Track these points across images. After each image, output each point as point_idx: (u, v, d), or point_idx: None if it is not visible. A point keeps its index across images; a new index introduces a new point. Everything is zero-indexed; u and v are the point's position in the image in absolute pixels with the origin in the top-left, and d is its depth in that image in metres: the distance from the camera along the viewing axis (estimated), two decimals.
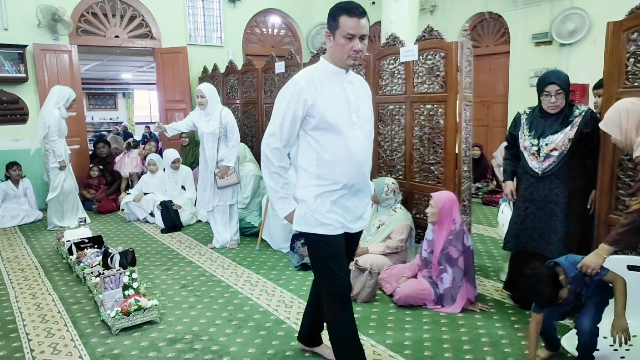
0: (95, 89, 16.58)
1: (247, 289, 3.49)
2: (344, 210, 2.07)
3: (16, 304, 3.27)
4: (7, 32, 5.89)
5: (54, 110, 5.06)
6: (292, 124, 1.99)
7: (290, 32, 8.42)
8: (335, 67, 2.03)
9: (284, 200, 2.06)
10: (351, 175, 2.03)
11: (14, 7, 5.91)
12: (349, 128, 2.01)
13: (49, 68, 6.19)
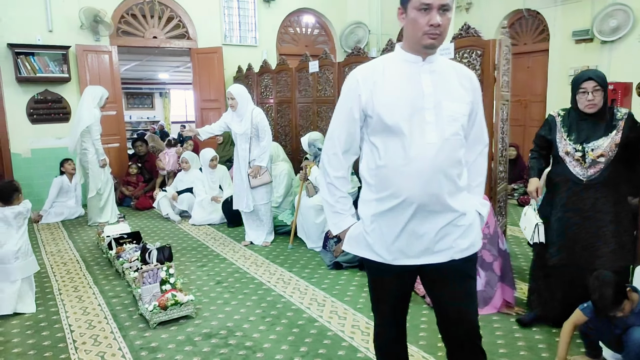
0: (134, 88, 17.03)
1: (280, 286, 3.52)
2: (407, 234, 1.62)
3: (59, 297, 3.40)
4: (51, 33, 6.12)
5: (94, 110, 5.23)
6: (348, 125, 1.68)
7: (324, 32, 8.44)
8: (409, 55, 1.63)
9: (337, 216, 1.75)
10: (414, 188, 1.57)
11: (59, 10, 6.14)
12: (416, 129, 1.57)
13: (91, 68, 6.40)
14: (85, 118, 5.18)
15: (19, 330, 2.89)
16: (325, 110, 5.35)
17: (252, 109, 4.42)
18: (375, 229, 1.66)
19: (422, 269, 1.69)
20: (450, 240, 1.63)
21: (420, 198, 1.57)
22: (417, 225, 1.61)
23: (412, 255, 1.64)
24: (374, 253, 1.67)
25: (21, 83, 6.04)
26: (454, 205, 1.62)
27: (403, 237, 1.62)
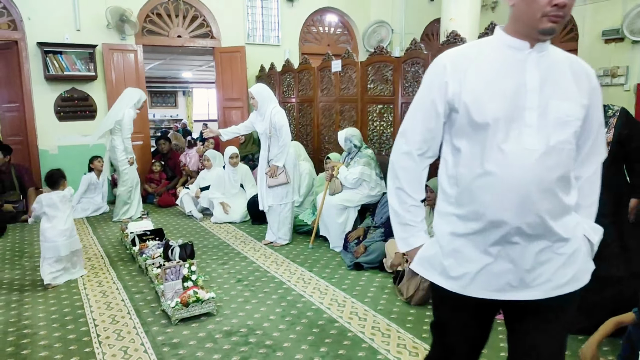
0: (157, 87, 17.27)
1: (300, 286, 3.52)
2: (493, 262, 1.33)
3: (84, 291, 3.46)
4: (79, 32, 6.24)
5: (129, 110, 5.37)
6: (428, 120, 1.40)
7: (347, 31, 8.41)
8: (513, 39, 1.32)
9: (407, 229, 1.46)
10: (506, 206, 1.27)
11: (86, 9, 6.25)
12: (512, 132, 1.27)
13: (116, 67, 6.50)
14: (120, 115, 5.31)
15: (46, 323, 2.95)
16: (347, 110, 5.33)
17: (273, 107, 4.41)
18: (454, 252, 1.37)
19: (507, 304, 1.38)
20: (548, 273, 1.32)
21: (512, 219, 1.27)
22: (508, 251, 1.31)
23: (498, 288, 1.33)
24: (451, 280, 1.37)
25: (49, 81, 6.17)
26: (558, 230, 1.30)
27: (489, 265, 1.33)
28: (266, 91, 4.48)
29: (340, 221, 4.35)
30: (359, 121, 5.12)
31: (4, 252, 4.46)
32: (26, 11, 5.95)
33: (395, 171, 1.47)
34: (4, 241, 4.83)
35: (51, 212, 3.60)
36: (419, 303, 3.11)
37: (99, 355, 2.55)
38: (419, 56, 4.34)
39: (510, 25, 1.34)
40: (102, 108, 6.53)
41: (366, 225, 4.25)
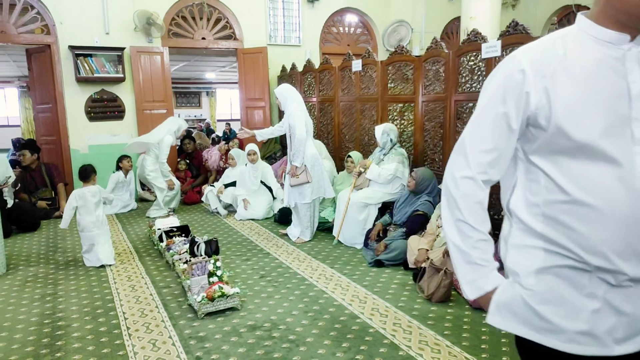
0: (182, 88, 17.58)
1: (321, 282, 3.59)
2: (606, 308, 1.07)
3: (114, 285, 3.60)
4: (108, 36, 6.44)
5: (168, 136, 5.65)
6: (497, 137, 1.13)
7: (367, 30, 8.45)
8: (607, 31, 1.05)
9: (475, 270, 1.17)
10: (613, 244, 1.03)
11: (115, 13, 6.44)
12: (618, 150, 1.02)
13: (143, 68, 6.68)
14: (159, 138, 5.60)
15: (78, 315, 3.08)
16: (368, 109, 5.38)
17: (292, 108, 4.50)
18: (547, 292, 1.09)
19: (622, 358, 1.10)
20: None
21: (620, 259, 1.02)
22: (622, 299, 1.06)
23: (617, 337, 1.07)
24: (547, 334, 1.09)
25: (80, 83, 6.38)
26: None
27: (605, 310, 1.06)
28: (288, 91, 4.58)
29: (361, 218, 4.40)
30: (379, 120, 5.16)
31: (39, 247, 4.65)
32: (58, 16, 6.17)
33: (454, 199, 1.18)
34: (38, 237, 5.03)
35: (83, 204, 4.04)
36: (440, 300, 3.14)
37: (129, 347, 2.65)
38: (440, 55, 4.35)
39: (599, 12, 1.05)
40: (130, 109, 6.73)
41: (385, 222, 4.30)
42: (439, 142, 4.49)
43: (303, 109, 4.60)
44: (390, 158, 4.48)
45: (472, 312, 3.00)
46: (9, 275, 3.85)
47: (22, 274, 3.89)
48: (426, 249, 3.63)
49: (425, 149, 4.67)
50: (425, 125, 4.63)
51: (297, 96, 4.62)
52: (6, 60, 11.30)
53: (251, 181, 5.84)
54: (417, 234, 3.93)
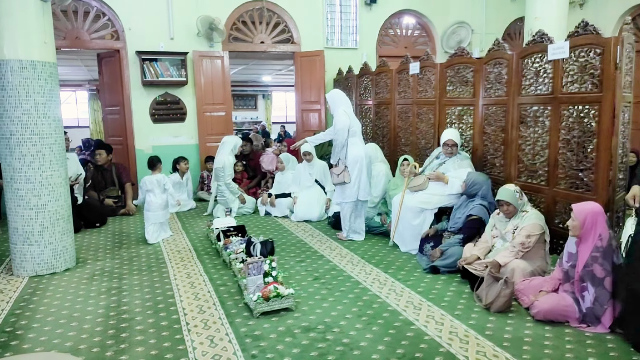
0: (239, 90, 18.00)
1: (375, 286, 3.56)
2: None
3: (174, 281, 3.73)
4: (172, 41, 6.71)
5: (229, 157, 5.87)
6: None
7: (425, 32, 8.32)
8: None
9: None
10: None
11: (179, 19, 6.71)
12: None
13: (205, 72, 6.91)
14: (222, 162, 5.83)
15: (141, 310, 3.22)
16: (425, 112, 5.29)
17: (338, 111, 4.65)
18: None
19: None
20: None
21: None
22: None
23: None
24: None
25: (146, 86, 6.69)
26: None
27: None
28: (336, 95, 4.76)
29: (415, 223, 4.33)
30: (437, 123, 5.06)
31: (105, 243, 4.91)
32: (127, 22, 6.50)
33: None
34: (104, 233, 5.31)
35: (150, 189, 4.90)
36: (499, 310, 3.03)
37: (188, 343, 2.74)
38: (503, 57, 4.22)
39: None
40: (192, 111, 6.98)
41: (441, 228, 4.21)
42: (499, 146, 4.35)
43: (349, 112, 4.73)
44: (457, 163, 4.38)
45: (534, 325, 2.87)
46: (78, 269, 4.09)
47: (90, 267, 4.12)
48: (478, 255, 3.54)
49: (485, 153, 4.53)
50: (485, 129, 4.50)
51: (344, 100, 4.76)
52: (78, 65, 12.02)
53: (306, 177, 5.89)
54: (473, 240, 3.82)
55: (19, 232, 3.87)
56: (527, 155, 4.06)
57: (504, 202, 3.50)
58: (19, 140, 3.75)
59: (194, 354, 2.61)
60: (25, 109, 3.73)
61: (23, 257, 3.88)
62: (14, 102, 3.71)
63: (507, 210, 3.51)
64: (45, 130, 3.82)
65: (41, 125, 3.80)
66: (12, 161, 3.78)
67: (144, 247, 4.71)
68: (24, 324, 3.01)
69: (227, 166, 5.85)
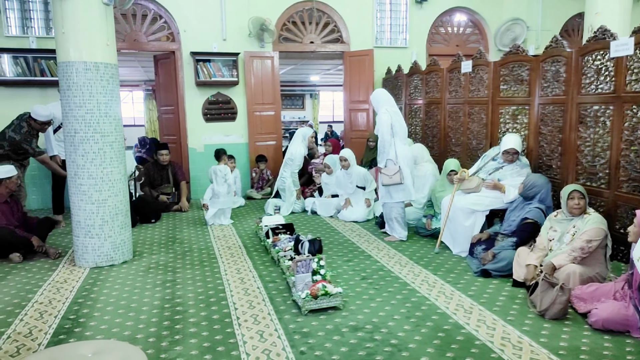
0: (288, 90, 18.19)
1: (424, 288, 3.51)
2: None
3: (225, 277, 3.83)
4: (225, 42, 6.88)
5: (300, 149, 6.18)
6: None
7: (477, 30, 8.12)
8: None
9: None
10: None
11: (232, 20, 6.87)
12: None
13: (255, 72, 7.04)
14: (293, 152, 6.16)
15: (194, 302, 3.33)
16: (477, 112, 5.17)
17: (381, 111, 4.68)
18: None
19: None
20: None
21: None
22: None
23: None
24: None
25: (199, 86, 6.90)
26: None
27: None
28: (378, 95, 4.76)
29: (467, 225, 4.24)
30: (489, 123, 4.94)
31: (160, 237, 5.10)
32: (182, 25, 6.72)
33: None
34: (159, 228, 5.52)
35: (214, 178, 5.53)
36: (554, 318, 2.92)
37: (239, 336, 2.81)
38: (561, 54, 4.06)
39: None
40: (242, 110, 7.13)
41: (493, 231, 4.10)
42: (556, 147, 4.19)
43: (393, 110, 4.68)
44: (516, 171, 4.22)
45: (592, 334, 2.76)
46: (134, 262, 4.26)
47: (146, 260, 4.29)
48: (535, 265, 3.40)
49: (541, 154, 4.38)
50: (541, 129, 4.35)
51: (386, 99, 4.73)
52: (135, 66, 12.53)
53: (347, 185, 5.83)
54: (527, 244, 3.70)
55: (81, 225, 4.08)
56: (586, 157, 3.90)
57: (577, 194, 3.35)
58: (83, 138, 3.95)
59: (244, 347, 2.67)
60: (88, 108, 3.94)
61: (85, 249, 4.10)
62: (78, 102, 3.92)
63: (579, 206, 3.35)
64: (106, 129, 4.02)
65: (103, 124, 3.99)
66: (76, 158, 3.99)
67: (196, 242, 4.86)
68: (86, 313, 3.18)
69: (297, 157, 6.15)
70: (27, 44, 6.16)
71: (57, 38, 3.93)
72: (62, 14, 3.84)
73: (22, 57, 6.08)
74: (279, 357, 2.56)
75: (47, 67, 6.16)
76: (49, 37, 6.17)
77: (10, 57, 6.05)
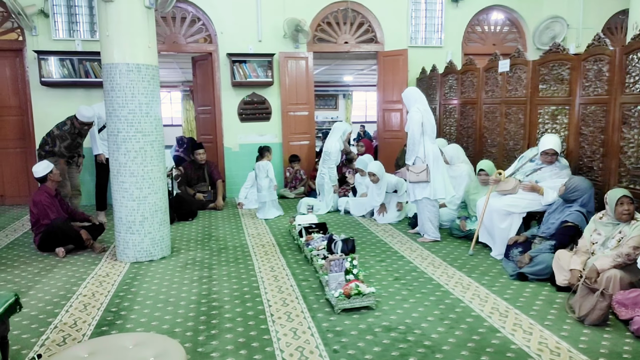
0: (321, 90, 18.23)
1: (458, 290, 3.48)
2: None
3: (259, 274, 3.89)
4: (260, 43, 6.98)
5: (336, 144, 6.23)
6: None
7: (515, 28, 7.95)
8: None
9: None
10: None
11: (267, 22, 6.96)
12: None
13: (289, 73, 7.12)
14: (330, 147, 6.22)
15: (229, 299, 3.40)
16: (514, 112, 5.07)
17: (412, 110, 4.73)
18: None
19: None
20: None
21: None
22: None
23: None
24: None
25: (235, 87, 7.02)
26: None
27: None
28: (410, 93, 4.81)
29: (503, 226, 4.17)
30: (527, 123, 4.83)
31: (196, 234, 5.22)
32: (219, 26, 6.86)
33: None
34: (195, 225, 5.65)
35: (258, 173, 5.91)
36: (594, 324, 2.85)
37: (273, 333, 2.85)
38: (604, 53, 3.94)
39: None
40: (276, 110, 7.22)
41: (530, 234, 4.02)
42: (598, 148, 4.07)
43: (424, 109, 4.69)
44: (556, 172, 4.13)
45: (634, 341, 2.67)
46: (172, 257, 4.39)
47: (184, 257, 4.40)
48: (579, 269, 3.30)
49: (582, 155, 4.26)
50: (582, 130, 4.23)
51: (418, 97, 4.76)
52: (174, 68, 12.83)
53: (378, 195, 5.66)
54: (566, 248, 3.61)
55: (122, 222, 4.23)
56: (629, 158, 3.77)
57: (627, 200, 3.26)
58: (125, 137, 4.09)
59: (278, 344, 2.71)
60: (130, 108, 4.07)
61: (125, 244, 4.24)
62: (121, 102, 4.06)
63: (628, 212, 3.25)
64: (147, 128, 4.15)
65: (144, 124, 4.13)
66: (118, 156, 4.14)
67: (231, 240, 4.95)
68: (127, 306, 3.29)
69: (334, 152, 6.21)
70: (73, 47, 6.42)
71: (102, 41, 4.08)
72: (106, 18, 3.99)
73: (68, 59, 6.34)
74: (312, 354, 2.59)
75: (92, 69, 6.40)
76: (94, 40, 6.41)
77: (57, 60, 6.32)
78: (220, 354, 2.62)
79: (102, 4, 3.97)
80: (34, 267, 4.16)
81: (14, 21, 6.30)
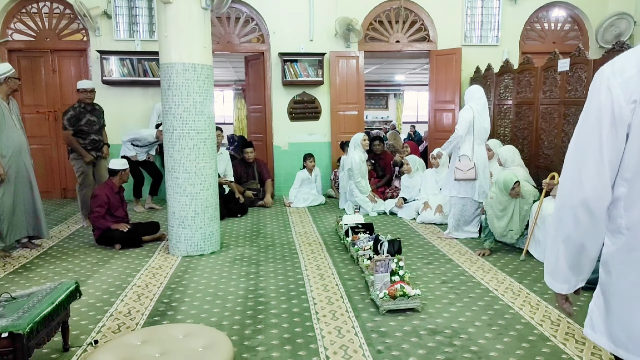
0: (371, 90, 18.14)
1: (508, 296, 3.38)
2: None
3: (305, 272, 3.94)
4: (312, 42, 7.04)
5: (356, 155, 6.00)
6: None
7: (577, 26, 7.60)
8: None
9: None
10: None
11: (319, 21, 7.01)
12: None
13: (340, 72, 7.13)
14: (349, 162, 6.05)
15: (275, 295, 3.46)
16: (573, 113, 4.85)
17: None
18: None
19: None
20: None
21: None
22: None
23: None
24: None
25: (285, 86, 7.11)
26: None
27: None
28: (471, 92, 4.83)
29: None
30: None
31: (245, 231, 5.34)
32: (272, 26, 6.97)
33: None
34: (244, 222, 5.77)
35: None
36: None
37: (317, 330, 2.88)
38: None
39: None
40: (326, 110, 7.25)
41: None
42: None
43: (478, 109, 4.70)
44: None
45: None
46: (222, 253, 4.51)
47: (232, 252, 4.52)
48: None
49: None
50: None
51: (475, 97, 4.77)
52: (226, 67, 13.16)
53: (432, 185, 5.76)
54: None
55: (175, 216, 4.38)
56: None
57: None
58: (180, 135, 4.25)
59: (322, 342, 2.73)
60: (185, 106, 4.22)
61: (178, 238, 4.40)
62: (177, 100, 4.21)
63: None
64: (200, 126, 4.28)
65: (198, 122, 4.26)
66: (173, 153, 4.30)
67: (279, 237, 5.03)
68: (177, 298, 3.42)
69: (355, 165, 5.97)
70: (133, 47, 6.72)
71: (160, 41, 4.25)
72: (165, 19, 4.16)
73: (128, 59, 6.65)
74: (356, 353, 2.59)
75: (150, 68, 6.68)
76: (153, 40, 6.67)
77: (118, 59, 6.63)
78: (266, 348, 2.68)
79: (162, 5, 4.13)
80: (93, 257, 4.39)
81: (80, 22, 6.67)
